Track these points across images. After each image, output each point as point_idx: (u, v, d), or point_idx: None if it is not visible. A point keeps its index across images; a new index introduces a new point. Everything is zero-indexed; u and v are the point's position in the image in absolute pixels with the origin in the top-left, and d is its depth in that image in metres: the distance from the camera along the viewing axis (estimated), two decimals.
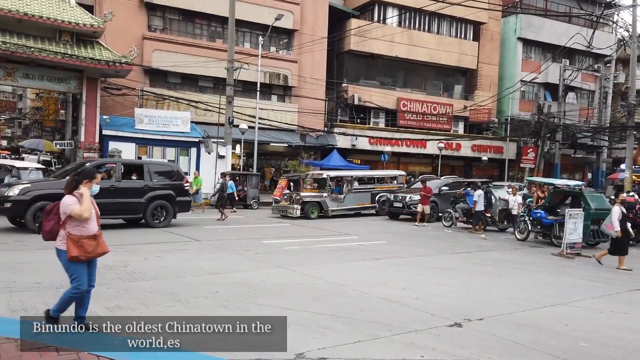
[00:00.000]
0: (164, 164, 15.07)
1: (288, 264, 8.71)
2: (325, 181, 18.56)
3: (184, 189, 13.59)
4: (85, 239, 4.37)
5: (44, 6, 18.52)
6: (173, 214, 13.20)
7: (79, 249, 4.31)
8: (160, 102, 24.09)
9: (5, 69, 17.86)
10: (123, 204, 12.37)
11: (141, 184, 12.86)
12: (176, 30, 25.79)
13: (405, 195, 17.66)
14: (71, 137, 23.64)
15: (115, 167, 12.71)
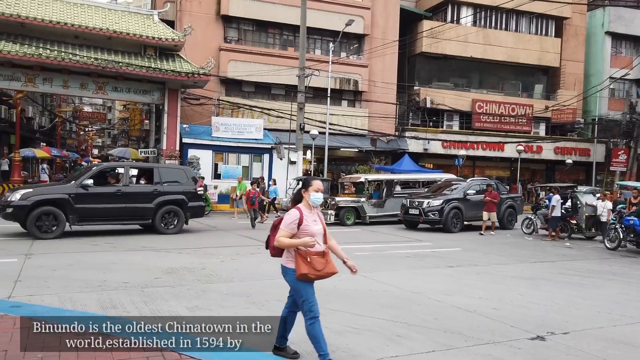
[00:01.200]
0: (175, 168, 14.50)
1: (360, 269, 8.62)
2: (363, 185, 17.64)
3: (197, 194, 12.99)
4: (314, 256, 3.96)
5: (131, 23, 19.89)
6: (185, 219, 12.67)
7: (308, 266, 3.93)
8: (235, 111, 24.99)
9: (97, 84, 19.35)
10: (131, 209, 11.91)
11: (150, 188, 12.35)
12: (250, 41, 26.67)
13: (422, 200, 15.52)
14: (154, 146, 25.12)
15: (123, 171, 12.41)
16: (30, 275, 7.12)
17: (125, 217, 11.97)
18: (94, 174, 11.80)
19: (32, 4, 18.43)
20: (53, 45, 18.05)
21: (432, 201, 15.28)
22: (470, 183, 16.57)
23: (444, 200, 15.27)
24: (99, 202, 11.47)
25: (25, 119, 29.60)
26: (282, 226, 3.95)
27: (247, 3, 25.77)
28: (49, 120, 38.09)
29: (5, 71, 17.74)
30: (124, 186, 11.99)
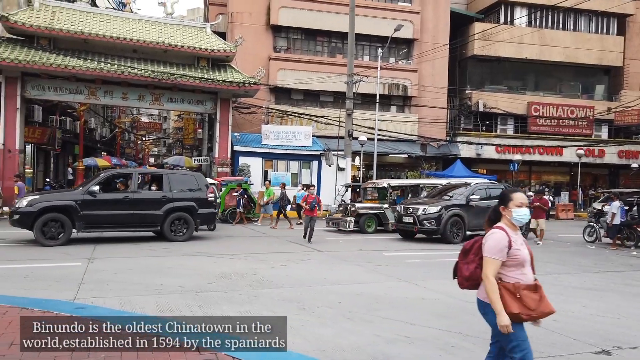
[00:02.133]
0: (186, 174, 14.04)
1: (411, 277, 8.49)
2: (385, 191, 16.74)
3: (208, 201, 12.62)
4: (524, 290, 3.12)
5: (185, 36, 20.65)
6: (195, 227, 12.40)
7: (518, 303, 3.11)
8: (284, 118, 25.35)
9: (153, 95, 20.19)
10: (138, 215, 11.70)
11: (159, 194, 12.10)
12: (299, 49, 27.00)
13: (417, 206, 13.61)
14: (207, 154, 25.88)
15: (132, 177, 12.16)
16: (92, 279, 7.47)
17: (133, 223, 11.78)
18: (101, 180, 11.81)
19: (95, 22, 19.51)
20: (113, 60, 19.01)
21: (428, 208, 13.33)
22: (474, 187, 14.50)
23: (442, 207, 13.32)
24: (106, 208, 11.37)
25: (88, 130, 31.29)
26: (489, 253, 3.11)
27: (295, 13, 26.14)
28: (109, 131, 40.08)
29: (70, 85, 18.85)
30: (131, 192, 11.80)
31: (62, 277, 7.51)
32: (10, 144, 17.99)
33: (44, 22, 18.05)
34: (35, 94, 18.73)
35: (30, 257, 9.37)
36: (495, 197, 14.12)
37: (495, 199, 13.01)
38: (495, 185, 15.31)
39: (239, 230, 15.50)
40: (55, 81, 18.62)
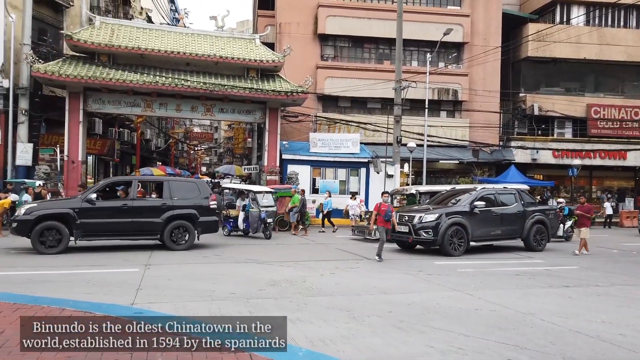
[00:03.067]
0: (187, 181, 13.80)
1: (464, 287, 8.23)
2: (414, 197, 16.25)
3: (210, 208, 12.25)
4: None
5: (235, 48, 21.17)
6: (196, 235, 12.12)
7: None
8: (332, 126, 25.42)
9: (205, 106, 20.80)
10: (137, 224, 11.49)
11: (159, 202, 11.91)
12: (346, 57, 27.07)
13: (413, 214, 12.39)
14: (256, 162, 26.33)
15: (132, 185, 11.98)
16: (149, 285, 7.72)
17: (132, 232, 11.57)
18: (101, 188, 11.81)
19: (150, 37, 20.37)
20: (168, 73, 19.76)
21: (425, 215, 12.10)
22: (479, 192, 12.87)
23: (440, 214, 12.00)
24: (104, 216, 11.26)
25: (144, 140, 32.64)
26: None
27: (342, 21, 26.26)
28: (164, 141, 41.64)
29: (128, 98, 19.74)
30: (130, 200, 11.61)
31: (121, 283, 7.82)
32: (73, 155, 19.03)
33: (103, 39, 19.03)
34: (96, 107, 19.73)
35: (91, 263, 9.82)
36: (506, 203, 13.02)
37: (506, 205, 11.21)
38: (507, 190, 13.74)
39: (287, 238, 15.62)
40: (115, 95, 19.56)
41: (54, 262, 9.84)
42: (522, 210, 13.20)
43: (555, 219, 14.62)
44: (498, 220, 12.68)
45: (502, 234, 12.97)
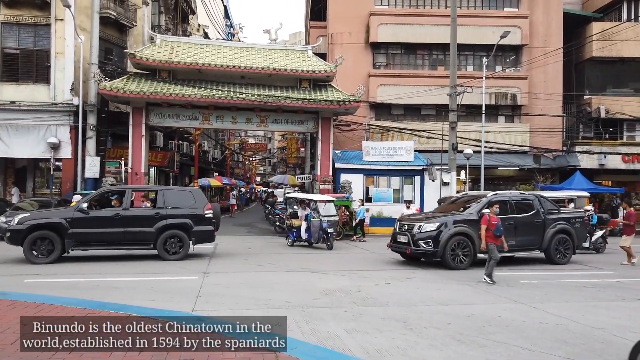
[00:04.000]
0: (182, 190, 13.42)
1: (527, 298, 7.85)
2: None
3: (205, 217, 11.88)
4: None
5: (288, 60, 21.52)
6: (192, 244, 11.86)
7: None
8: (384, 134, 25.22)
9: (259, 117, 21.23)
10: (130, 233, 11.33)
11: (152, 211, 11.74)
12: (398, 64, 26.85)
13: (413, 223, 11.51)
14: (309, 172, 26.52)
15: (125, 194, 11.76)
16: (208, 292, 7.92)
17: (125, 242, 11.43)
18: (94, 197, 11.73)
19: (207, 52, 21.11)
20: (224, 86, 20.37)
21: (425, 224, 11.16)
22: (490, 198, 11.54)
23: (442, 223, 11.04)
24: (96, 226, 11.18)
25: (202, 152, 33.77)
26: None
27: (395, 28, 26.12)
28: (220, 153, 42.88)
29: (187, 112, 20.51)
30: (123, 210, 11.47)
31: (181, 290, 8.07)
32: (137, 167, 19.95)
33: (164, 56, 19.91)
34: (157, 121, 20.63)
35: (153, 271, 10.21)
36: (522, 210, 11.73)
37: (523, 212, 9.92)
38: (524, 197, 12.43)
39: (341, 247, 15.57)
40: (174, 109, 20.38)
41: (119, 270, 10.31)
42: (542, 218, 11.96)
43: (583, 228, 13.09)
44: (512, 230, 11.32)
45: (518, 245, 11.55)
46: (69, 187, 19.82)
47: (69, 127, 19.76)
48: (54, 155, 19.32)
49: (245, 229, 21.38)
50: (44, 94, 19.94)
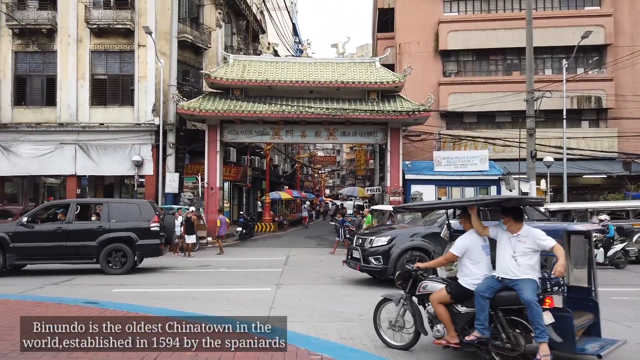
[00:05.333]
0: (128, 203, 13.07)
1: (620, 317, 7.17)
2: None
3: (150, 231, 11.52)
4: None
5: (355, 73, 21.58)
6: (137, 259, 11.64)
7: None
8: (457, 143, 24.48)
9: (328, 131, 21.39)
10: (72, 247, 11.15)
11: (95, 225, 11.57)
12: (470, 71, 26.09)
13: (366, 237, 10.33)
14: (379, 183, 26.25)
15: (69, 208, 11.61)
16: (281, 303, 7.98)
17: (67, 256, 11.26)
18: (38, 211, 11.78)
19: (277, 69, 21.68)
20: (293, 101, 20.78)
21: (376, 238, 9.92)
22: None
23: (393, 237, 9.81)
24: (38, 240, 11.10)
25: (272, 166, 34.55)
26: None
27: (465, 35, 25.45)
28: (290, 166, 43.68)
29: (258, 128, 21.12)
30: (66, 224, 11.32)
31: (255, 301, 8.20)
32: (212, 182, 20.78)
33: (236, 75, 20.69)
34: (230, 137, 21.42)
35: (229, 282, 10.49)
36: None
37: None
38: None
39: None
40: (246, 125, 21.07)
41: (198, 280, 10.71)
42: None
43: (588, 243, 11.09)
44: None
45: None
46: None
47: (151, 145, 21.01)
48: (138, 172, 20.59)
49: (316, 242, 21.50)
50: (129, 116, 21.39)
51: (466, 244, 4.97)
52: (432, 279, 5.36)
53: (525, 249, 4.59)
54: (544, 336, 4.26)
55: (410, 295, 5.34)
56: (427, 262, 5.58)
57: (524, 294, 4.40)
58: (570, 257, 5.24)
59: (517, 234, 4.67)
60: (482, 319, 4.55)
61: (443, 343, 4.86)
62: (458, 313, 4.82)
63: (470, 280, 4.82)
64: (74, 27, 21.27)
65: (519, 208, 4.87)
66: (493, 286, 4.62)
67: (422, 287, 5.18)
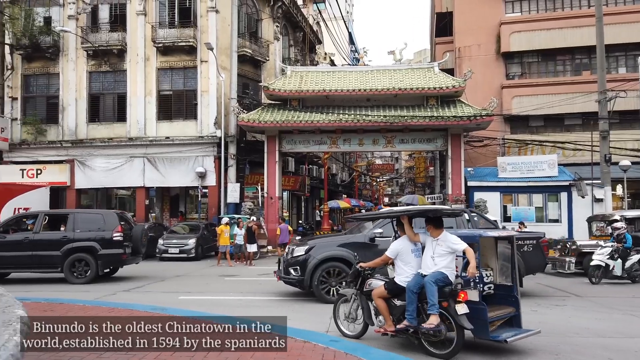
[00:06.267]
0: (93, 213, 13.56)
1: None
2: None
3: (113, 241, 11.68)
4: None
5: (413, 79, 21.25)
6: (100, 268, 11.70)
7: None
8: (522, 148, 23.44)
9: (386, 138, 21.16)
10: (38, 257, 11.54)
11: (59, 235, 11.89)
12: (535, 73, 24.98)
13: (293, 247, 9.83)
14: (440, 191, 25.62)
15: (37, 219, 12.07)
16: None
17: (33, 265, 11.67)
18: (9, 222, 12.37)
19: (333, 79, 21.78)
20: (350, 110, 20.76)
21: (296, 249, 9.57)
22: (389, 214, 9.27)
23: (311, 247, 9.31)
24: (6, 250, 11.58)
25: (330, 175, 34.67)
26: None
27: (529, 35, 24.43)
28: (348, 175, 43.61)
29: (315, 137, 21.27)
30: (33, 234, 11.80)
31: (319, 311, 8.17)
32: (271, 191, 21.12)
33: (294, 86, 21.01)
34: (289, 147, 21.71)
35: (288, 291, 10.52)
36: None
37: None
38: (447, 212, 9.47)
39: None
40: (304, 135, 21.28)
41: (259, 288, 10.83)
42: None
43: (536, 252, 10.11)
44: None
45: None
46: (214, 211, 21.66)
47: (213, 157, 21.72)
48: (201, 183, 21.33)
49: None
50: (192, 129, 22.26)
51: (398, 247, 5.83)
52: (376, 277, 6.16)
53: (441, 251, 5.48)
54: (433, 310, 5.24)
55: (359, 291, 6.15)
56: (368, 262, 6.21)
57: (426, 277, 5.39)
58: (498, 259, 6.21)
59: (437, 239, 5.56)
60: (411, 310, 5.42)
61: (382, 331, 5.74)
62: (394, 306, 5.70)
63: (402, 279, 5.67)
64: (141, 46, 22.51)
65: (438, 217, 5.76)
66: (419, 282, 5.44)
67: (367, 284, 6.07)
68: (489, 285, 5.92)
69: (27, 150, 22.84)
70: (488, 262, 6.20)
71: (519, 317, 5.91)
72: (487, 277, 5.91)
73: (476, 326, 5.34)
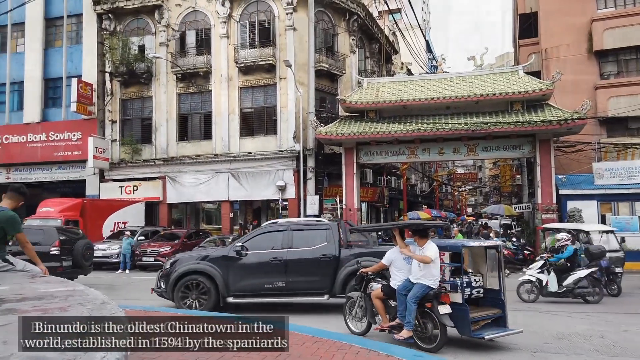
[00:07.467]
0: (34, 227, 13.04)
1: None
2: None
3: (50, 254, 11.30)
4: None
5: (496, 84, 20.39)
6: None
7: None
8: (621, 152, 21.55)
9: (467, 146, 20.42)
10: None
11: None
12: (634, 71, 22.96)
13: (167, 260, 10.45)
14: (528, 200, 24.23)
15: None
16: None
17: None
18: None
19: (411, 88, 21.47)
20: (429, 119, 20.31)
21: (167, 261, 10.07)
22: (256, 231, 9.88)
23: (175, 261, 9.60)
24: None
25: (409, 186, 34.09)
26: None
27: (625, 31, 22.55)
28: (428, 185, 42.62)
29: (393, 148, 21.03)
30: None
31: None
32: (350, 203, 21.14)
33: (370, 97, 20.97)
34: (366, 159, 21.64)
35: None
36: (306, 244, 9.09)
37: (307, 246, 9.19)
38: (312, 226, 9.88)
39: None
40: (382, 146, 21.12)
41: None
42: (333, 254, 9.03)
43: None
44: (282, 269, 8.95)
45: (290, 288, 8.95)
46: None
47: (292, 170, 22.22)
48: (282, 196, 21.88)
49: None
50: (273, 143, 22.96)
51: (391, 256, 6.82)
52: (377, 281, 6.96)
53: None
54: (408, 326, 6.14)
55: (364, 294, 7.02)
56: (369, 267, 7.14)
57: (409, 295, 6.18)
58: (487, 266, 7.03)
59: (422, 248, 6.34)
60: (402, 310, 6.29)
61: (379, 328, 6.65)
62: (390, 306, 6.63)
63: (395, 283, 6.58)
64: (225, 67, 23.71)
65: (424, 229, 6.57)
66: (408, 286, 6.29)
67: (369, 287, 6.96)
68: (477, 289, 6.78)
69: (124, 169, 24.79)
70: (479, 268, 7.06)
71: (505, 318, 6.59)
72: (476, 282, 6.79)
73: (459, 324, 6.16)
